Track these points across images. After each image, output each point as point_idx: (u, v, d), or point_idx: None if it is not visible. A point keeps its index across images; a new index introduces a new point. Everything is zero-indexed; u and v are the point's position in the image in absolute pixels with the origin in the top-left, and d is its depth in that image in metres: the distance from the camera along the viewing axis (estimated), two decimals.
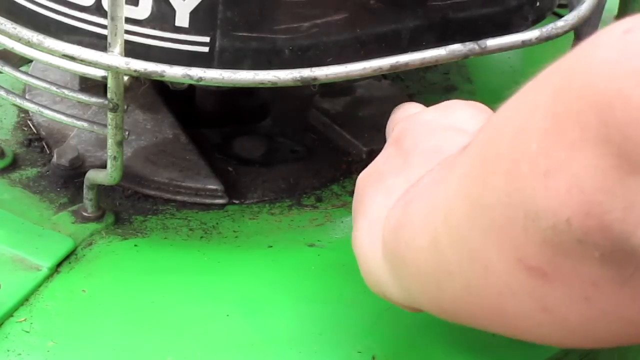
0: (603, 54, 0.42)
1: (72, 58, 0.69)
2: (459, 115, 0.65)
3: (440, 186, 0.55)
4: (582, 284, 0.47)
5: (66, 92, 0.75)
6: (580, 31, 0.81)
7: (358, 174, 0.88)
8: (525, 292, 0.49)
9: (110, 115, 0.72)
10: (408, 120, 0.68)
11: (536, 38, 0.76)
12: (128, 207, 0.83)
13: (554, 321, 0.50)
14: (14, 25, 0.71)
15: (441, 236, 0.54)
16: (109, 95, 0.71)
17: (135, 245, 0.79)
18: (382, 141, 0.91)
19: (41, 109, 0.77)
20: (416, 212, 0.57)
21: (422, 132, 0.65)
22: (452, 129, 0.64)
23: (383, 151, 0.68)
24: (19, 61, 0.87)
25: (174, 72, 0.69)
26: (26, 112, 0.92)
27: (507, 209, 0.47)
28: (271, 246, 0.80)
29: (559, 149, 0.44)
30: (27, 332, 0.70)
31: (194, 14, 0.70)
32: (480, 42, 0.74)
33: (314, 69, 0.70)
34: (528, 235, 0.46)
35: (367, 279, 0.64)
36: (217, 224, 0.82)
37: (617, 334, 0.50)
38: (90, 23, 0.71)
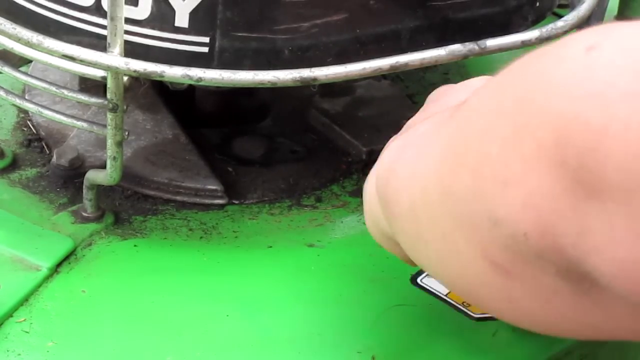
0: (564, 72, 0.41)
1: (71, 58, 0.69)
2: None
3: (425, 150, 0.54)
4: (543, 289, 0.47)
5: (66, 92, 0.75)
6: None
7: (358, 174, 0.89)
8: (491, 283, 0.49)
9: (109, 115, 0.72)
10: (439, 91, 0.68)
11: (536, 38, 0.76)
12: (128, 207, 0.83)
13: (519, 312, 0.50)
14: (14, 25, 0.71)
15: (418, 207, 0.53)
16: (108, 95, 0.71)
17: (135, 246, 0.79)
18: (382, 141, 0.91)
19: (41, 109, 0.77)
20: (404, 165, 0.57)
21: (448, 93, 0.65)
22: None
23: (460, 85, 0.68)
24: (18, 61, 0.87)
25: (174, 73, 0.69)
26: (26, 112, 0.92)
27: (473, 207, 0.47)
28: (271, 246, 0.79)
29: (516, 161, 0.43)
30: (27, 332, 0.70)
31: (193, 14, 0.70)
32: (480, 42, 0.74)
33: (313, 69, 0.70)
34: (492, 237, 0.46)
35: (366, 217, 0.64)
36: (216, 224, 0.82)
37: (579, 332, 0.51)
38: (89, 23, 0.71)
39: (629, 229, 0.40)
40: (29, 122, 0.91)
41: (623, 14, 1.15)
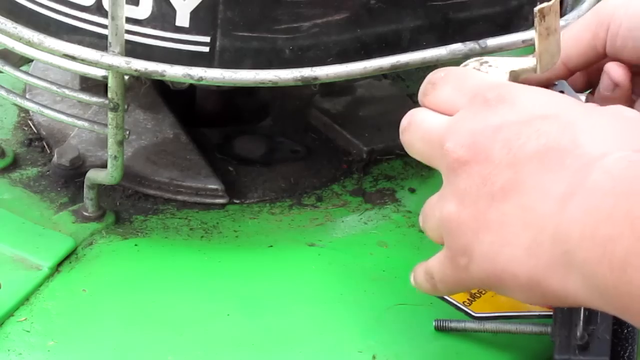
0: None
1: (72, 58, 0.70)
2: (524, 102, 0.61)
3: None
4: None
5: (67, 91, 0.75)
6: None
7: (359, 174, 0.89)
8: None
9: (110, 114, 0.72)
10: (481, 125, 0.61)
11: None
12: (128, 206, 0.83)
13: None
14: (15, 24, 0.71)
15: None
16: (109, 94, 0.71)
17: (136, 245, 0.79)
18: (383, 141, 0.91)
19: (42, 109, 0.77)
20: None
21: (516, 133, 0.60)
22: (541, 119, 0.59)
23: (476, 112, 0.61)
24: (19, 61, 0.87)
25: (175, 72, 0.69)
26: (27, 111, 0.92)
27: None
28: (272, 246, 0.80)
29: None
30: (28, 331, 0.70)
31: (194, 13, 0.70)
32: (480, 41, 0.74)
33: (314, 68, 0.71)
34: None
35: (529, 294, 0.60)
36: (217, 223, 0.82)
37: None
38: (90, 23, 0.71)
39: None
40: (29, 122, 0.91)
41: None
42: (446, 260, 0.63)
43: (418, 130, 0.65)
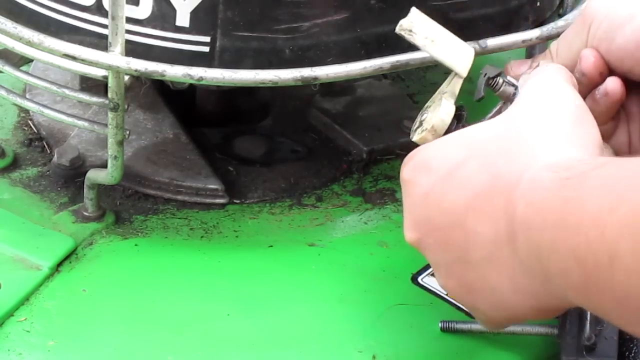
0: None
1: (72, 58, 0.70)
2: (436, 158, 0.62)
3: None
4: None
5: (67, 91, 0.75)
6: None
7: (359, 174, 0.89)
8: None
9: (110, 114, 0.72)
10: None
11: (537, 37, 0.76)
12: (129, 206, 0.83)
13: None
14: (15, 24, 0.71)
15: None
16: (109, 94, 0.71)
17: (136, 245, 0.79)
18: (382, 141, 0.91)
19: (42, 109, 0.77)
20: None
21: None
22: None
23: (407, 194, 0.63)
24: (19, 61, 0.87)
25: (175, 72, 0.69)
26: (27, 111, 0.92)
27: None
28: (272, 246, 0.80)
29: None
30: (28, 331, 0.70)
31: (194, 13, 0.70)
32: (480, 41, 0.74)
33: (314, 68, 0.71)
34: None
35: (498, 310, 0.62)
36: (217, 223, 0.82)
37: None
38: (91, 23, 0.71)
39: None
40: (29, 122, 0.91)
41: None
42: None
43: None
